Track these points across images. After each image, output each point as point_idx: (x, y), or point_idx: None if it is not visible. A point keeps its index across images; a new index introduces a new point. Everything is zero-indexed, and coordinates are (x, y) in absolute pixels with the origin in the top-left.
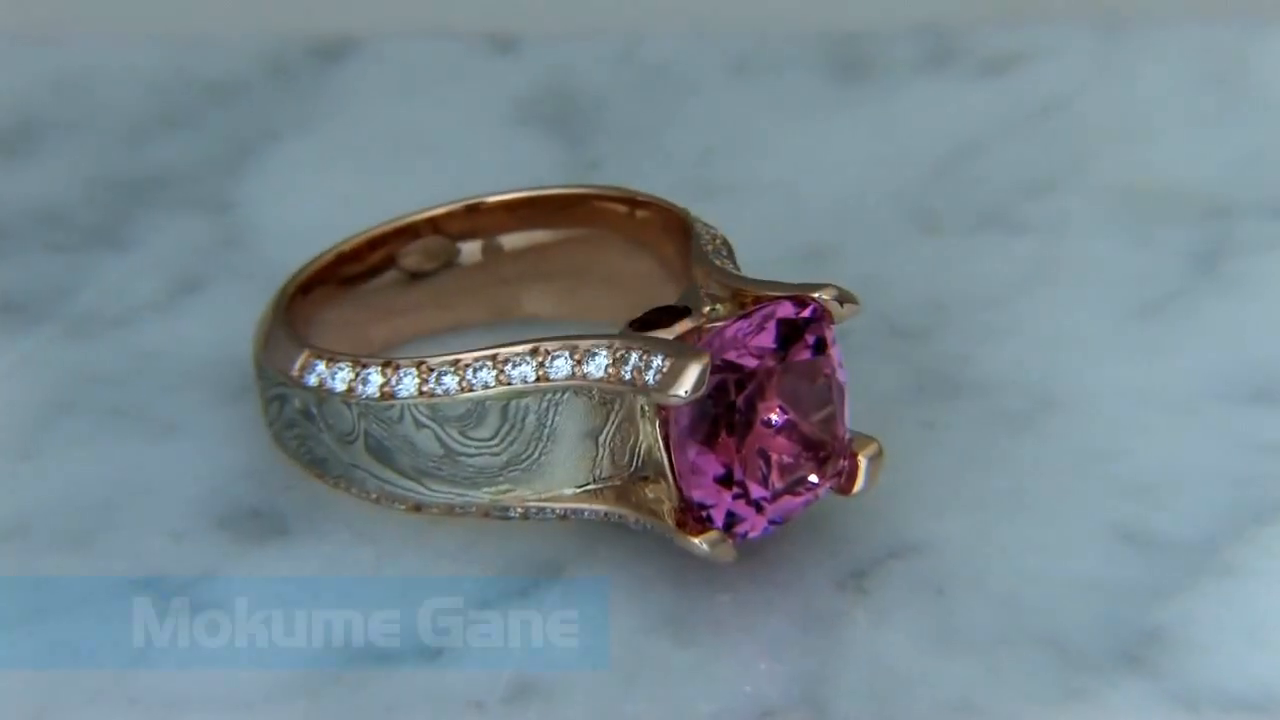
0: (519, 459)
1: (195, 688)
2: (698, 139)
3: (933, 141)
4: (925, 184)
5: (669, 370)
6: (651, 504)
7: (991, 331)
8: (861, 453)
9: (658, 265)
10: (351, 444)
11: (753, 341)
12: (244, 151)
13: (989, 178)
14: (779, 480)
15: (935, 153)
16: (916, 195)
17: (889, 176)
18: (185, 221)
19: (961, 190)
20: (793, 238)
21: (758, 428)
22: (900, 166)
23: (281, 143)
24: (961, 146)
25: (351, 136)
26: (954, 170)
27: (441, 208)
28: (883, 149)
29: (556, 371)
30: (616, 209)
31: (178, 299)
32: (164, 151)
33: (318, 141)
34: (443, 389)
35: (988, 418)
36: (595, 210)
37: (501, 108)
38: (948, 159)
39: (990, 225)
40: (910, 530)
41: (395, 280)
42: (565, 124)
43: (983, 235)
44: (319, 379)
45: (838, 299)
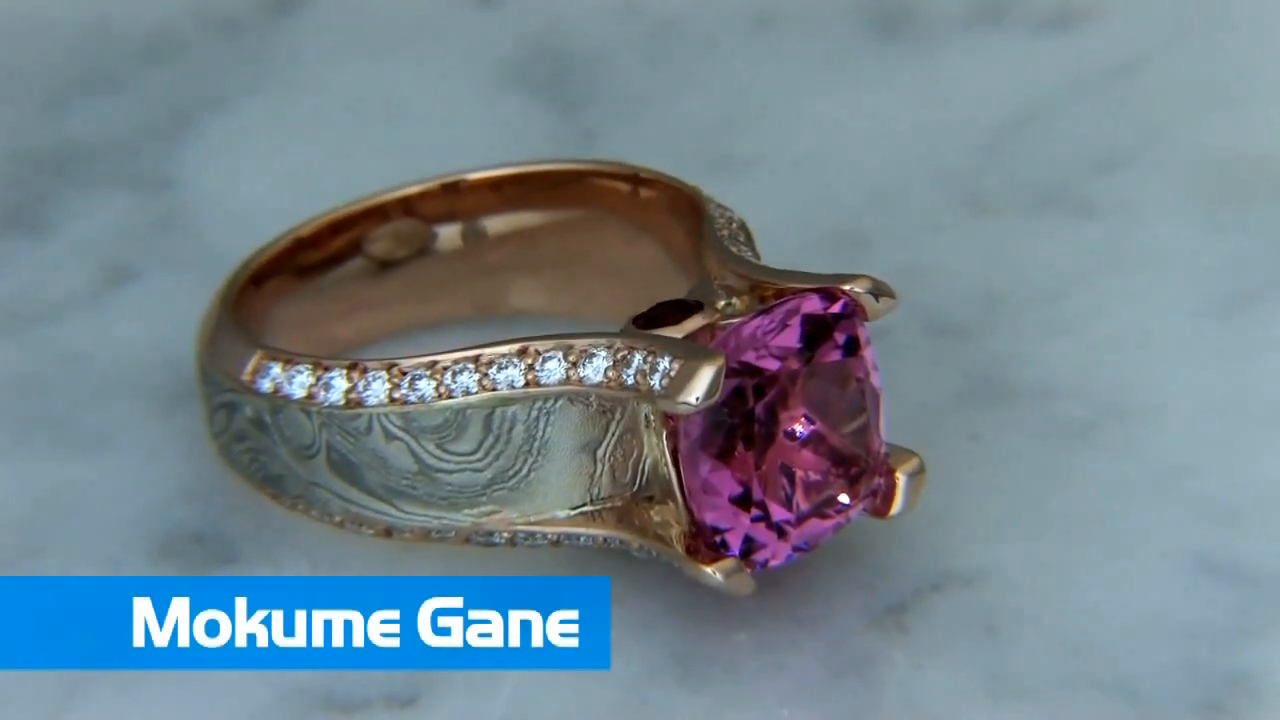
0: (505, 476)
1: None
2: (712, 105)
3: (985, 109)
4: (976, 158)
5: (678, 374)
6: (657, 528)
7: (1051, 329)
8: (900, 469)
9: (664, 253)
10: (311, 459)
11: (774, 341)
12: (182, 120)
13: (1049, 151)
14: (804, 501)
15: (988, 122)
16: (965, 172)
17: (934, 150)
18: (115, 201)
19: (1018, 166)
20: (822, 221)
21: (780, 440)
22: (947, 138)
23: (226, 109)
24: (1018, 115)
25: (308, 102)
26: (1009, 142)
27: (415, 185)
28: (927, 118)
29: (548, 375)
30: (617, 187)
31: (107, 292)
32: (89, 120)
33: (269, 107)
34: (417, 395)
35: (1046, 429)
36: (593, 189)
37: (484, 68)
38: (1002, 129)
39: (1051, 206)
40: (956, 559)
41: (362, 270)
42: (558, 88)
43: (1042, 218)
44: (274, 384)
45: (872, 292)
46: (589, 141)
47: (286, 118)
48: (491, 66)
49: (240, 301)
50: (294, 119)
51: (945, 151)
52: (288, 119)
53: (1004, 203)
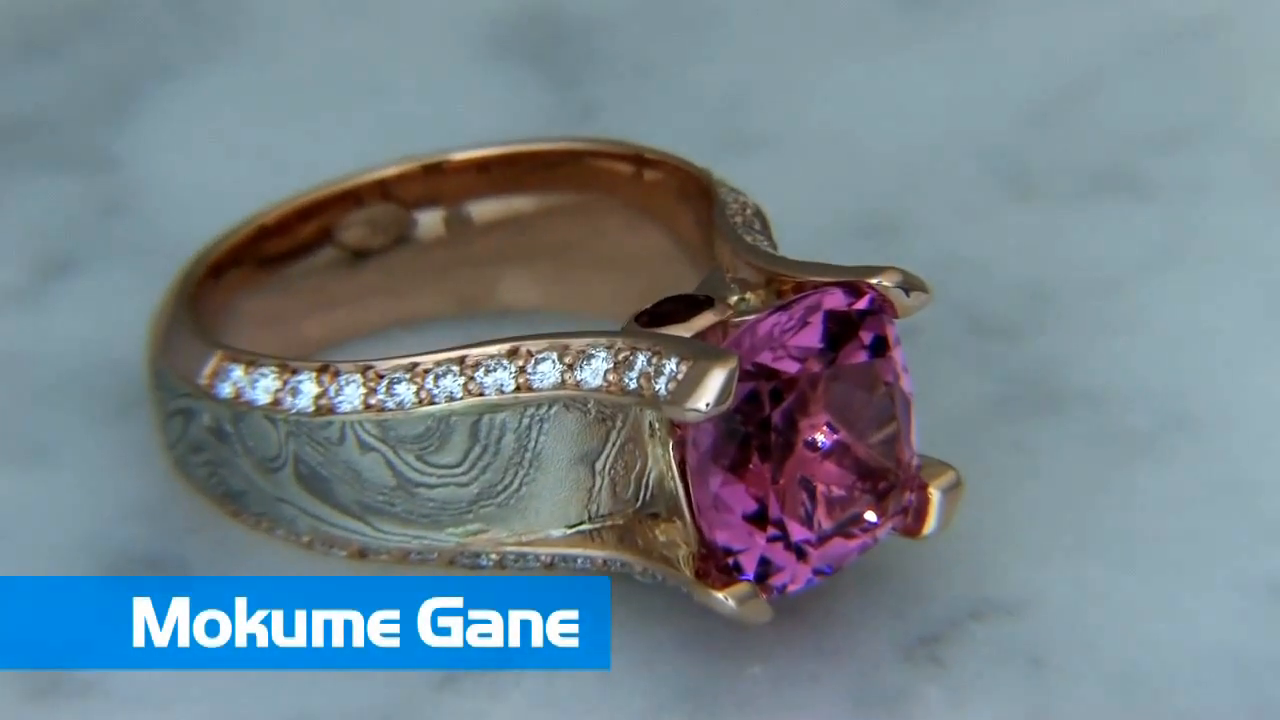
0: (493, 491)
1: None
2: (724, 77)
3: (1031, 78)
4: (1020, 135)
5: (686, 377)
6: (663, 549)
7: (1105, 328)
8: (934, 484)
9: (671, 242)
10: (277, 472)
11: (793, 340)
12: (129, 92)
13: (1104, 126)
14: (827, 518)
15: (1034, 93)
16: (1009, 150)
17: (973, 125)
18: (52, 184)
19: (1068, 143)
20: (847, 206)
21: (799, 451)
22: (988, 112)
23: (178, 80)
24: (1068, 86)
25: (271, 71)
26: (1059, 117)
27: (392, 166)
28: (965, 89)
29: (541, 379)
30: (618, 169)
31: (45, 285)
32: (24, 93)
33: (226, 78)
34: (395, 401)
35: (1099, 439)
36: (591, 171)
37: (469, 35)
38: (1051, 101)
39: (1105, 189)
40: (998, 584)
41: (333, 261)
42: (552, 57)
43: (1095, 202)
44: (235, 389)
45: (903, 285)
46: (587, 117)
47: (247, 89)
48: (478, 33)
49: (197, 296)
50: (255, 91)
51: (986, 127)
52: (248, 91)
53: (1052, 185)
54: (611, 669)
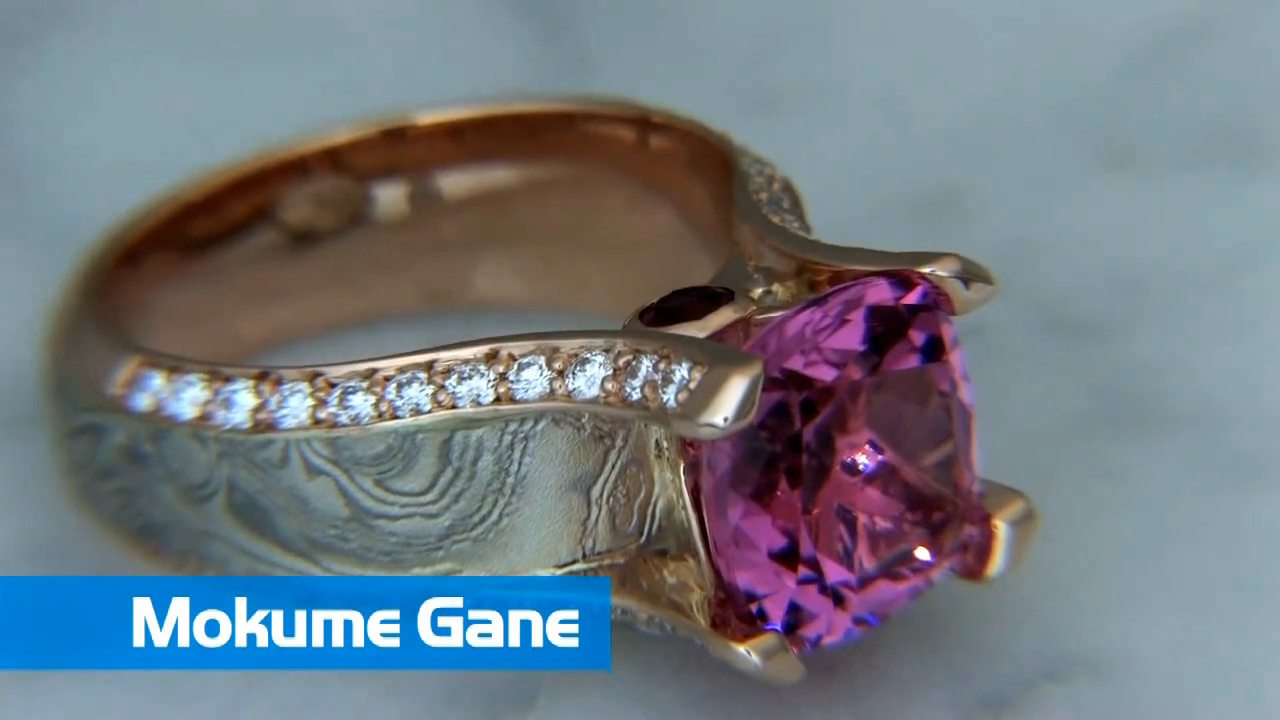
0: (468, 523)
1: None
2: (746, 23)
3: (1125, 25)
4: (1111, 91)
5: (700, 386)
6: (672, 592)
7: (1211, 327)
8: (1000, 515)
9: (682, 223)
10: (206, 501)
11: (830, 341)
12: (18, 40)
13: (1210, 83)
14: (870, 557)
15: (1128, 41)
16: (1097, 109)
17: (1053, 80)
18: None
19: (1169, 101)
20: (897, 179)
21: (837, 475)
22: (1070, 66)
23: (75, 22)
24: (1167, 34)
25: (193, 10)
26: (1157, 69)
27: (345, 130)
28: (1044, 36)
29: (526, 388)
30: (619, 135)
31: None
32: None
33: (138, 20)
34: (350, 415)
35: (1206, 463)
36: (586, 137)
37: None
38: (1147, 51)
39: (1214, 155)
40: (1078, 638)
41: (273, 245)
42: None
43: (1202, 173)
44: (154, 400)
45: (963, 275)
46: (582, 70)
47: (163, 34)
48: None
49: (107, 288)
50: (173, 36)
51: (1069, 82)
52: (164, 35)
53: (1150, 152)
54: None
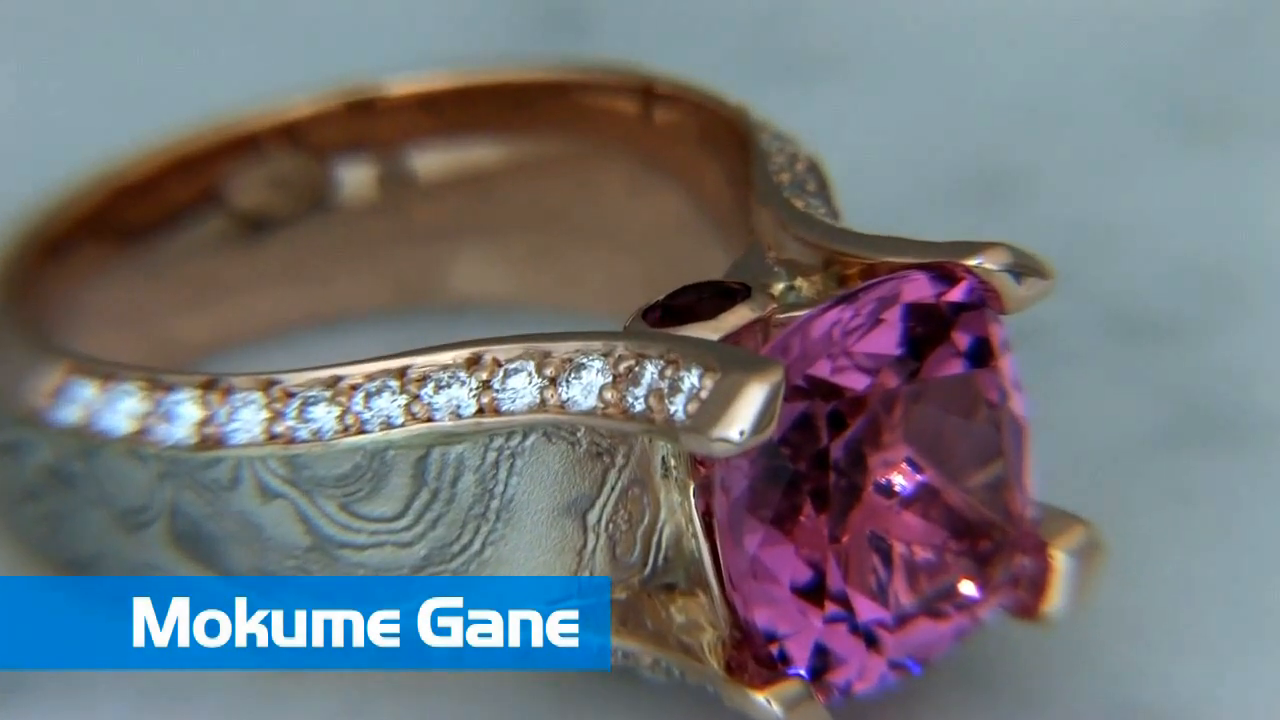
0: (447, 553)
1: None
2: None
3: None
4: (1191, 53)
5: (712, 395)
6: (681, 632)
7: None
8: (1059, 544)
9: (691, 208)
10: (144, 529)
11: (861, 344)
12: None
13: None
14: (908, 592)
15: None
16: (1173, 75)
17: (1123, 43)
18: None
19: (1260, 63)
20: (942, 156)
21: (870, 498)
22: (1145, 22)
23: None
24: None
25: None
26: (1245, 26)
27: (304, 101)
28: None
29: (513, 398)
30: (619, 107)
31: None
32: None
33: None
34: (310, 429)
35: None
36: (581, 109)
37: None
38: (1233, 4)
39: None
40: (1150, 685)
41: (221, 233)
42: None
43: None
44: (85, 413)
45: (1014, 269)
46: (577, 32)
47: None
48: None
49: (28, 285)
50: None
51: (1143, 40)
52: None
53: (1236, 124)
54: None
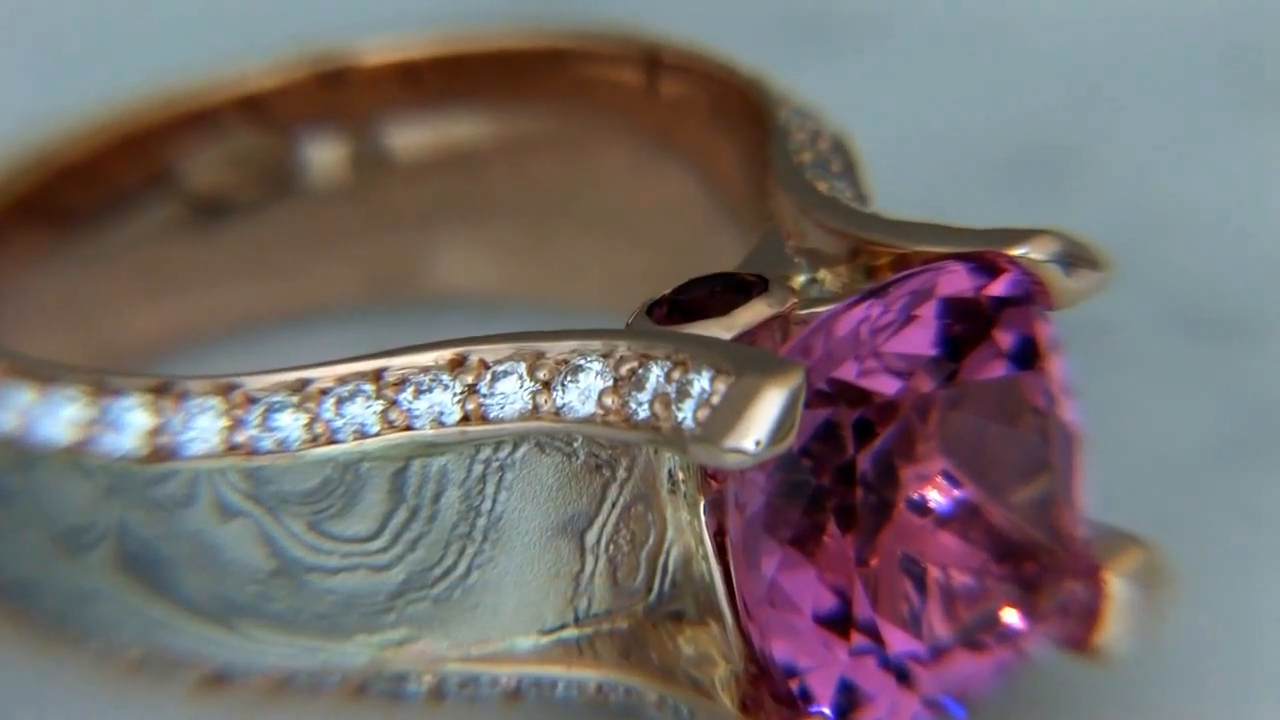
0: (427, 578)
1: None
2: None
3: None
4: (1260, 19)
5: (725, 401)
6: (691, 666)
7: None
8: (1114, 568)
9: (701, 191)
10: (88, 551)
11: (892, 344)
12: None
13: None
14: (945, 622)
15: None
16: (1248, 39)
17: (1185, 6)
18: None
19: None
20: (986, 132)
21: (902, 516)
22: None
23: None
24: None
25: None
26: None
27: (268, 72)
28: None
29: (502, 404)
30: (622, 78)
31: None
32: None
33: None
34: (274, 439)
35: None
36: (579, 80)
37: None
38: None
39: None
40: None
41: (175, 219)
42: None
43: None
44: (21, 420)
45: (1063, 259)
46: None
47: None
48: None
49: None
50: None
51: (1213, 6)
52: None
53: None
54: None
